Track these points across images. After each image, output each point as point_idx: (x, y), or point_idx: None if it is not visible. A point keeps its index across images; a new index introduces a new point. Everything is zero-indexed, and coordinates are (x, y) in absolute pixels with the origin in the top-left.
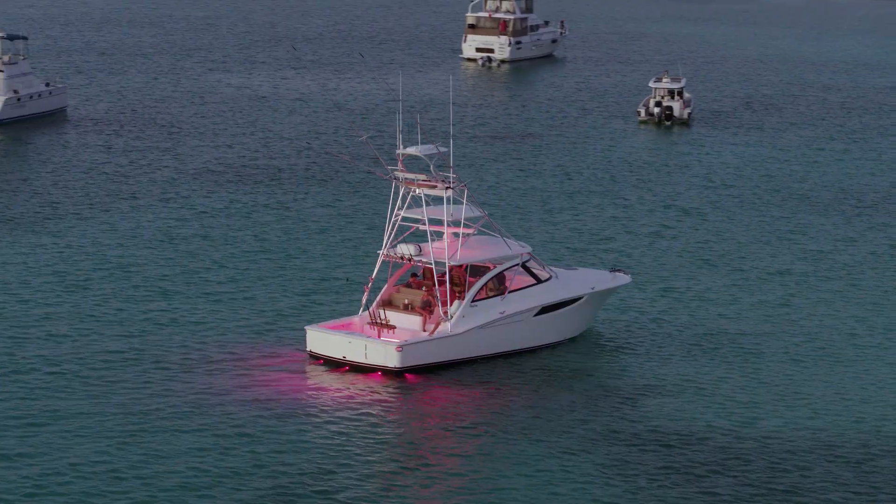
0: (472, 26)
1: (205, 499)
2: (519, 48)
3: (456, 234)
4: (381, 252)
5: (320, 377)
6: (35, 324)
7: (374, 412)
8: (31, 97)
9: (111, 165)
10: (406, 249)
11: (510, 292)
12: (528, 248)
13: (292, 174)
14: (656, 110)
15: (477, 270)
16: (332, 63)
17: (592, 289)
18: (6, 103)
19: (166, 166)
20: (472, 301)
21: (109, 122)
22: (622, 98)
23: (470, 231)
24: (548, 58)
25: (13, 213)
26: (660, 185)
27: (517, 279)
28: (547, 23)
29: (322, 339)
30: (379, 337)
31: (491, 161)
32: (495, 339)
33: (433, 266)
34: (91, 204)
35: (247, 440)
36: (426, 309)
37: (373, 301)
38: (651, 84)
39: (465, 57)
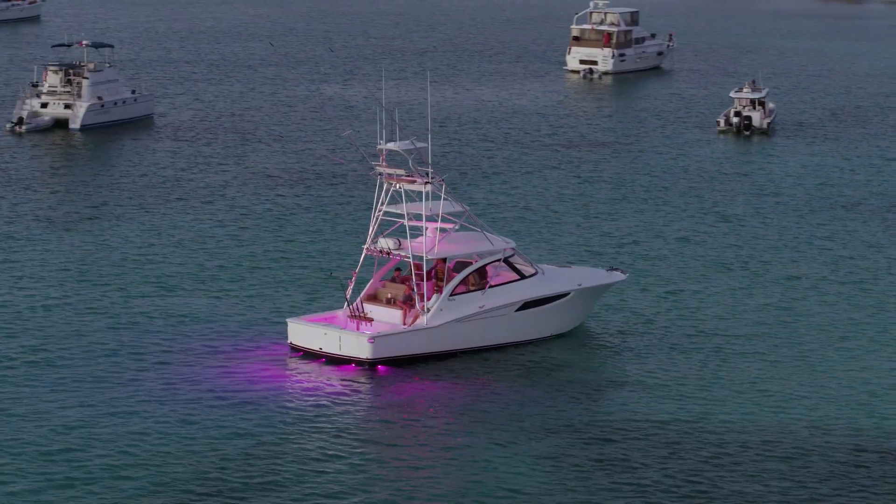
0: (576, 38)
1: (165, 487)
2: (623, 60)
3: (440, 230)
4: (364, 247)
5: (295, 368)
6: (30, 315)
7: (333, 402)
8: (115, 104)
9: (170, 169)
10: (386, 243)
11: (491, 287)
12: (512, 244)
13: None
14: (735, 120)
15: (463, 266)
16: (428, 74)
17: (579, 285)
18: (89, 109)
19: (221, 171)
20: (451, 295)
21: (190, 129)
22: (710, 109)
23: (450, 226)
24: (654, 70)
25: (55, 213)
26: (709, 192)
27: (500, 274)
28: (654, 35)
29: (301, 332)
30: (358, 329)
31: (549, 168)
32: (474, 334)
33: (411, 260)
34: (131, 205)
35: (196, 427)
36: (407, 303)
37: (358, 295)
38: (732, 94)
39: (569, 69)
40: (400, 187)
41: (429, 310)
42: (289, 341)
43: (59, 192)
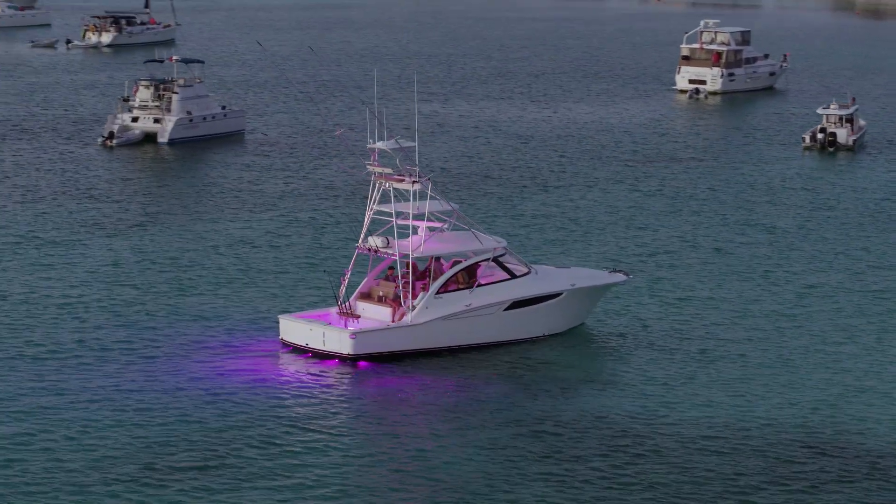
0: (685, 58)
1: (137, 483)
2: (732, 80)
3: (430, 229)
4: (356, 245)
5: (279, 363)
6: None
7: (302, 394)
8: (204, 119)
9: (232, 180)
10: (374, 241)
11: (480, 286)
12: (503, 243)
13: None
14: (820, 136)
15: (458, 265)
16: (532, 94)
17: (572, 285)
18: (178, 123)
19: (282, 182)
20: (438, 293)
21: (274, 145)
22: (805, 126)
23: (439, 225)
24: (767, 90)
25: (108, 219)
26: (761, 206)
27: (489, 273)
28: (767, 56)
29: (290, 328)
30: (346, 326)
31: (613, 182)
32: (461, 332)
33: (398, 258)
34: (183, 213)
35: (176, 416)
36: (396, 301)
37: (351, 292)
38: (819, 111)
39: (678, 89)
40: (389, 186)
41: (414, 307)
42: (280, 337)
43: (121, 202)
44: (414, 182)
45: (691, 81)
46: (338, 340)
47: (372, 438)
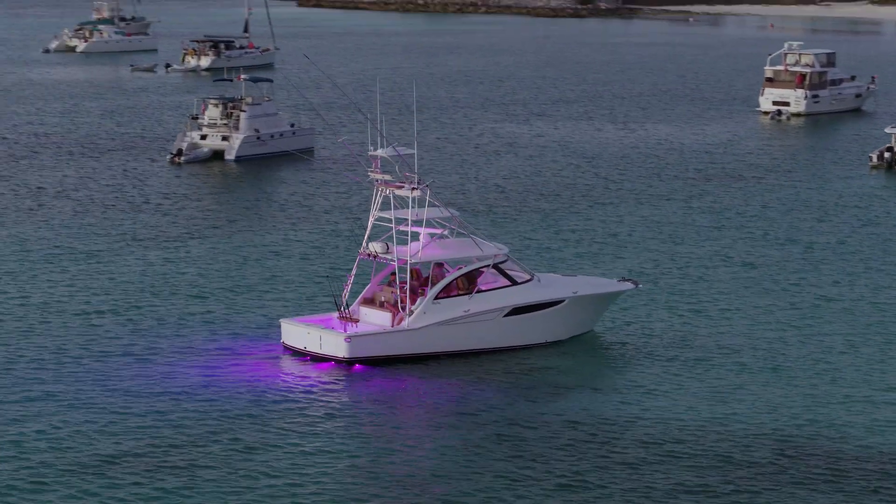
0: (769, 79)
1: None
2: (816, 102)
3: (431, 235)
4: (359, 251)
5: (277, 366)
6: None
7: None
8: (272, 136)
9: (282, 195)
10: (374, 247)
11: (480, 292)
12: (505, 250)
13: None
14: (887, 155)
15: (456, 271)
16: (613, 116)
17: (574, 293)
18: (245, 141)
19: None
20: (436, 298)
21: (337, 162)
22: (879, 146)
23: (439, 231)
24: (853, 112)
25: (144, 232)
26: (807, 223)
27: (490, 280)
28: (853, 77)
29: (290, 332)
30: (345, 330)
31: (663, 198)
32: (459, 337)
33: (396, 263)
34: (221, 227)
35: (164, 420)
36: (397, 306)
37: (355, 297)
38: (888, 130)
39: (762, 110)
40: (390, 193)
41: (412, 312)
42: (282, 341)
43: (169, 215)
44: (413, 189)
45: (775, 103)
46: (334, 344)
47: (356, 441)
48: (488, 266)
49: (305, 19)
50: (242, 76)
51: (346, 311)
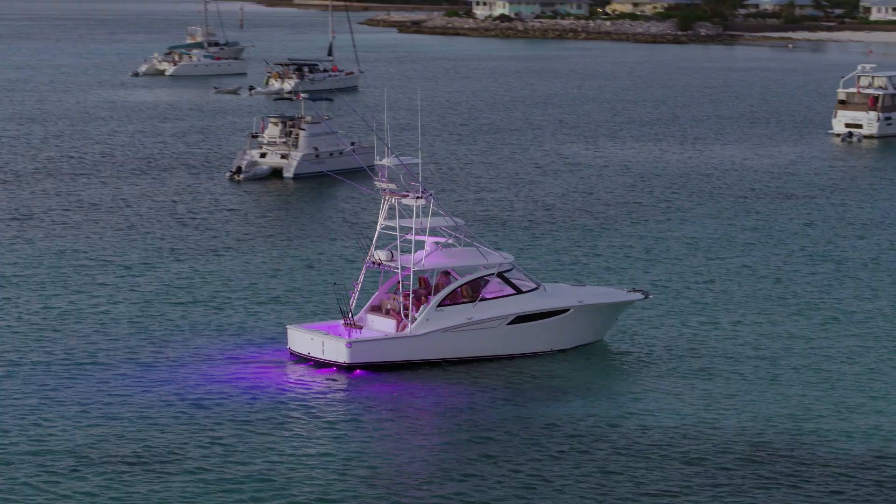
0: (842, 102)
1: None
2: (889, 124)
3: (436, 243)
4: (365, 259)
5: (281, 371)
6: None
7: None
8: (330, 154)
9: (330, 211)
10: (379, 255)
11: (483, 300)
12: (510, 259)
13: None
14: None
15: (470, 280)
16: (684, 137)
17: (579, 302)
18: (304, 159)
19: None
20: (440, 306)
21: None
22: None
23: (442, 240)
24: None
25: (186, 245)
26: (848, 240)
27: (495, 288)
28: None
29: (295, 338)
30: (349, 336)
31: (709, 216)
32: (461, 344)
33: (400, 272)
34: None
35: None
36: (401, 313)
37: (363, 304)
38: None
39: (834, 132)
40: (395, 202)
41: (415, 319)
42: (288, 347)
43: (212, 229)
44: (417, 198)
45: (847, 125)
46: (335, 349)
47: (346, 444)
48: (493, 274)
49: (404, 45)
50: (302, 94)
51: (352, 318)
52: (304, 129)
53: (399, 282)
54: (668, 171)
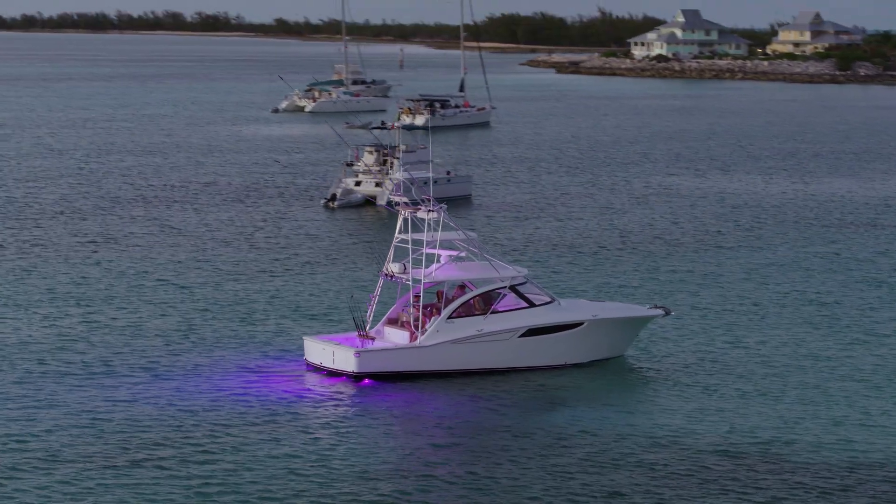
0: None
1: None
2: None
3: (453, 257)
4: (380, 271)
5: (292, 380)
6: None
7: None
8: (424, 183)
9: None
10: (392, 267)
11: (495, 312)
12: (524, 272)
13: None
14: None
15: (484, 293)
16: (797, 171)
17: (594, 316)
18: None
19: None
20: (450, 318)
21: (494, 208)
22: None
23: (454, 252)
24: None
25: (245, 266)
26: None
27: (511, 302)
28: None
29: (310, 348)
30: (361, 346)
31: (786, 244)
32: (471, 356)
33: (411, 283)
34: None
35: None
36: (413, 324)
37: (379, 316)
38: None
39: None
40: (408, 215)
41: (426, 331)
42: (304, 357)
43: (284, 249)
44: (429, 211)
45: None
46: (344, 359)
47: (343, 450)
48: (504, 287)
49: (557, 85)
50: (395, 124)
51: (366, 329)
52: (398, 158)
53: (415, 295)
54: (762, 201)
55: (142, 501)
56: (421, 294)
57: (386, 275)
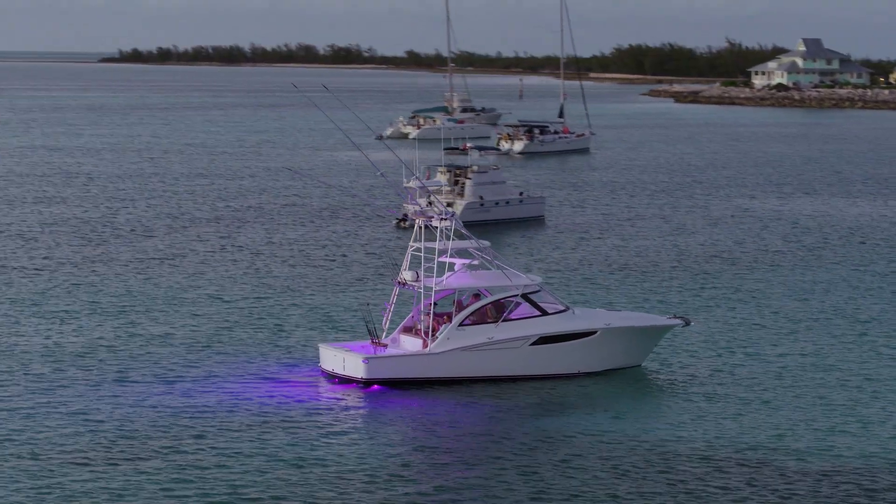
0: None
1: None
2: None
3: (467, 265)
4: (395, 279)
5: (304, 387)
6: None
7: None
8: (496, 203)
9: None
10: (405, 275)
11: (506, 320)
12: (537, 280)
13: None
14: None
15: (500, 302)
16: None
17: (607, 325)
18: (468, 207)
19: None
20: (461, 325)
21: (565, 229)
22: None
23: (465, 261)
24: None
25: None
26: None
27: (521, 309)
28: None
29: (324, 355)
30: (374, 353)
31: (834, 263)
32: (481, 363)
33: (422, 291)
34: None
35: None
36: (427, 332)
37: (395, 324)
38: None
39: None
40: (421, 223)
41: (436, 338)
42: (319, 364)
43: (330, 262)
44: (442, 219)
45: None
46: (353, 366)
47: (345, 458)
48: (516, 295)
49: (671, 113)
50: (468, 145)
51: (377, 336)
52: (470, 179)
53: (432, 303)
54: (835, 223)
55: (154, 501)
56: (432, 301)
57: (399, 283)
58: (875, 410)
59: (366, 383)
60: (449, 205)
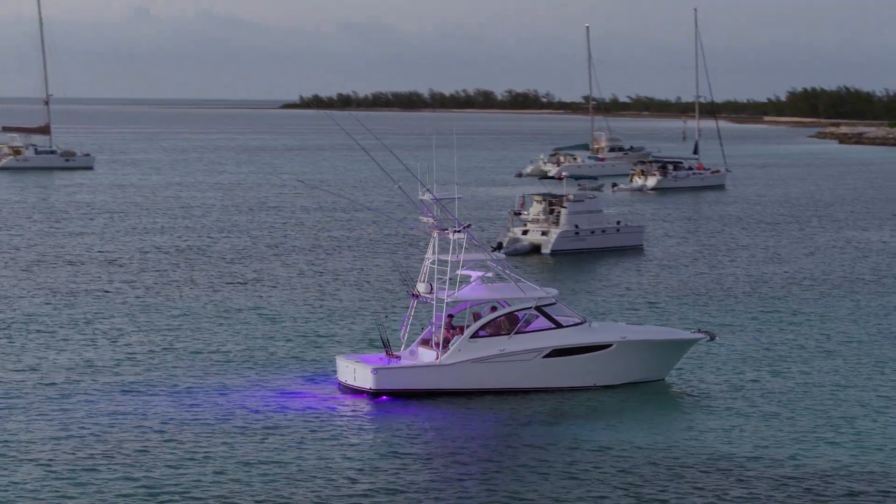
0: None
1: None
2: None
3: (482, 278)
4: (410, 291)
5: (321, 397)
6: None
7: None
8: (591, 232)
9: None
10: (419, 287)
11: (519, 332)
12: (553, 293)
13: None
14: None
15: (514, 315)
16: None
17: (623, 338)
18: (562, 236)
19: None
20: (474, 337)
21: (651, 256)
22: None
23: (480, 273)
24: None
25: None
26: None
27: (537, 322)
28: None
29: (340, 367)
30: (388, 364)
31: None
32: (492, 375)
33: (435, 303)
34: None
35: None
36: (436, 344)
37: (413, 336)
38: None
39: None
40: (436, 235)
41: (447, 349)
42: (336, 376)
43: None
44: (455, 232)
45: None
46: (363, 376)
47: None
48: (530, 308)
49: (827, 153)
50: (564, 174)
51: (390, 348)
52: (565, 207)
53: (449, 315)
54: (862, 252)
55: None
56: (444, 313)
57: (414, 295)
58: None
59: (375, 394)
60: (544, 233)
